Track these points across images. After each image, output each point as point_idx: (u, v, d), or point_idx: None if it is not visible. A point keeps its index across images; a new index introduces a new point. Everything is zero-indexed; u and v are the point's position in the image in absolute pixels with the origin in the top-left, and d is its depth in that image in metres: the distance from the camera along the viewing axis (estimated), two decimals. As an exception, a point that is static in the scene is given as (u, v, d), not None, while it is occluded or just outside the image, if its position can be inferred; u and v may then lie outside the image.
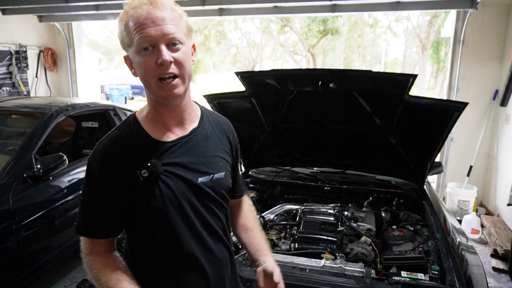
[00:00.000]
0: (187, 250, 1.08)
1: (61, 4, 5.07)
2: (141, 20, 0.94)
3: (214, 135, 1.18)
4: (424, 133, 2.30)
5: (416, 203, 2.55)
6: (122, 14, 0.98)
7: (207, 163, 1.11)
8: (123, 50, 1.04)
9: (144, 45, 0.95)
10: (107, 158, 1.04)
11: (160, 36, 0.95)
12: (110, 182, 1.03)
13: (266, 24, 18.36)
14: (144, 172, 1.02)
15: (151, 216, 1.05)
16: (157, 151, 1.05)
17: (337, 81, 2.13)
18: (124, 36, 0.98)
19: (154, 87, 0.99)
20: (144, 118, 1.09)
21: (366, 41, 22.03)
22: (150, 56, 0.96)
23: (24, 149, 2.75)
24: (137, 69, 1.01)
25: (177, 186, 1.05)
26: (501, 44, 4.66)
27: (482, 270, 1.62)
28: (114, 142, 1.06)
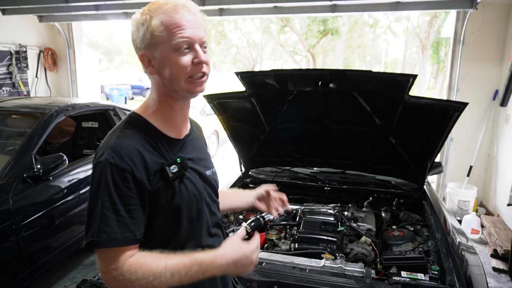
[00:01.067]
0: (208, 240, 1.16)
1: (61, 4, 5.07)
2: (182, 21, 1.01)
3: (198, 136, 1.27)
4: (424, 133, 2.30)
5: (416, 203, 2.55)
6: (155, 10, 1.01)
7: (207, 159, 1.22)
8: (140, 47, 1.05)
9: (184, 45, 1.01)
10: (134, 155, 0.99)
11: (196, 38, 1.03)
12: (140, 180, 0.99)
13: (266, 24, 18.36)
14: (173, 168, 1.04)
15: (178, 211, 1.07)
16: (175, 147, 1.10)
17: (337, 81, 2.13)
18: (156, 32, 1.00)
19: (183, 83, 1.04)
20: (151, 115, 1.10)
21: (366, 41, 22.03)
22: (187, 55, 1.03)
23: (24, 149, 2.75)
24: (164, 66, 1.03)
25: (196, 180, 1.12)
26: (501, 44, 4.66)
27: (482, 270, 1.62)
28: (134, 141, 1.02)
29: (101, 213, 0.95)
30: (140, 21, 1.03)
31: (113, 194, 0.96)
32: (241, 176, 2.87)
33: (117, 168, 0.96)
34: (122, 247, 0.97)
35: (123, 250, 0.97)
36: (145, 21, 1.02)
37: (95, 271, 3.31)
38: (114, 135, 1.04)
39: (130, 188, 0.97)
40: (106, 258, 0.96)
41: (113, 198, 0.96)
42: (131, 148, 1.00)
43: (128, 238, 0.97)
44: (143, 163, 1.00)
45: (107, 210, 0.95)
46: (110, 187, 0.96)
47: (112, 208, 0.96)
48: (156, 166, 1.03)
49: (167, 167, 1.03)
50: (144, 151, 1.01)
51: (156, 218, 1.05)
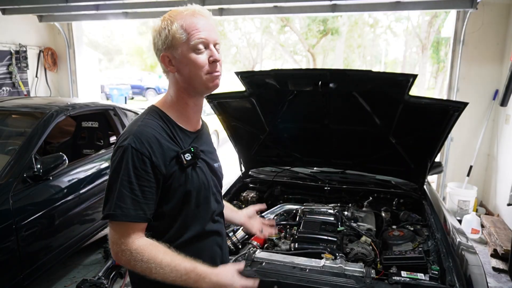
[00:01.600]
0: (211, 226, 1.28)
1: (61, 4, 5.07)
2: (197, 25, 1.14)
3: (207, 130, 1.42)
4: (424, 133, 2.30)
5: (416, 203, 2.55)
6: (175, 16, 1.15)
7: (215, 153, 1.36)
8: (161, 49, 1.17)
9: (200, 45, 1.14)
10: (153, 142, 1.11)
11: (211, 40, 1.17)
12: (157, 164, 1.11)
13: (266, 24, 18.36)
14: (187, 156, 1.17)
15: (188, 196, 1.19)
16: (188, 138, 1.23)
17: (337, 81, 2.13)
18: (177, 35, 1.13)
19: (204, 79, 1.17)
20: (169, 109, 1.23)
21: (366, 41, 22.02)
22: (203, 54, 1.16)
23: (24, 149, 2.75)
24: (183, 65, 1.16)
25: (205, 170, 1.25)
26: (501, 44, 4.66)
27: (482, 270, 1.62)
28: (152, 128, 1.14)
29: (119, 190, 1.08)
30: (162, 26, 1.15)
31: (132, 175, 1.08)
32: (241, 176, 2.87)
33: (137, 152, 1.09)
34: (134, 223, 1.09)
35: (134, 226, 1.09)
36: (166, 25, 1.14)
37: (95, 271, 3.31)
38: (136, 123, 1.17)
39: (147, 171, 1.09)
40: (119, 231, 1.09)
41: (131, 178, 1.08)
42: (151, 136, 1.12)
43: (140, 216, 1.09)
44: (160, 150, 1.12)
45: (124, 188, 1.08)
46: (129, 168, 1.08)
47: (129, 187, 1.08)
48: (172, 153, 1.15)
49: (182, 154, 1.16)
50: (162, 139, 1.14)
51: (168, 200, 1.16)
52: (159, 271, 1.07)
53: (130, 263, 1.08)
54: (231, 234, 1.99)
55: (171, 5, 5.08)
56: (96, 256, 3.70)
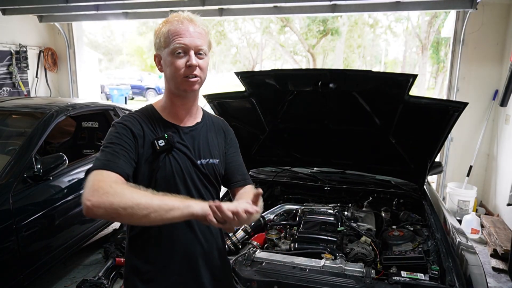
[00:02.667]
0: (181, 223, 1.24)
1: (61, 4, 5.07)
2: (181, 31, 1.23)
3: (212, 130, 1.44)
4: (424, 133, 2.30)
5: (416, 203, 2.55)
6: (165, 21, 1.26)
7: (205, 150, 1.37)
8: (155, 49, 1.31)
9: (179, 50, 1.23)
10: (134, 124, 1.25)
11: (191, 46, 1.23)
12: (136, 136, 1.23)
13: (266, 24, 18.36)
14: (161, 142, 1.24)
15: (159, 183, 1.24)
16: (169, 129, 1.30)
17: (337, 81, 2.13)
18: (163, 38, 1.25)
19: (179, 82, 1.25)
20: (160, 107, 1.35)
21: (366, 41, 22.04)
22: (182, 59, 1.24)
23: (24, 149, 2.75)
24: (166, 66, 1.27)
25: (183, 162, 1.29)
26: (501, 44, 4.67)
27: (482, 270, 1.62)
28: (138, 116, 1.29)
29: (101, 151, 1.20)
30: (157, 28, 1.28)
31: (113, 137, 1.21)
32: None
33: (119, 124, 1.25)
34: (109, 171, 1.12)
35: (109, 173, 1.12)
36: (160, 28, 1.27)
37: (95, 271, 3.31)
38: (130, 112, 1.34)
39: (127, 136, 1.21)
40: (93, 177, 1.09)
41: (112, 140, 1.20)
42: (134, 119, 1.28)
43: (118, 166, 1.14)
44: (141, 129, 1.25)
45: (105, 148, 1.19)
46: (112, 134, 1.22)
47: (109, 147, 1.19)
48: (150, 138, 1.25)
49: (155, 140, 1.24)
50: (143, 124, 1.27)
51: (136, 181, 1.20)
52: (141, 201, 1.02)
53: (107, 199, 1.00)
54: (231, 234, 1.99)
55: (171, 5, 5.08)
56: (96, 256, 3.70)
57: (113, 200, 1.01)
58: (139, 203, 1.02)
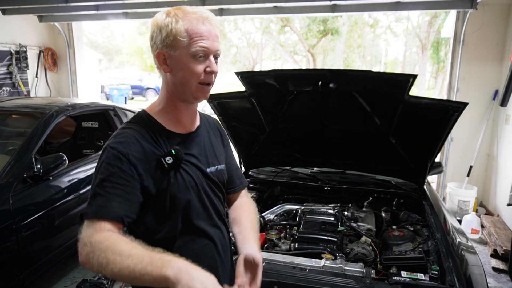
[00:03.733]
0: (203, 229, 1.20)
1: (61, 4, 5.07)
2: (204, 32, 1.10)
3: (211, 132, 1.34)
4: (424, 133, 2.30)
5: (416, 203, 2.55)
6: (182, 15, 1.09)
7: (212, 156, 1.27)
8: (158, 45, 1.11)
9: (201, 53, 1.10)
10: (130, 145, 1.08)
11: (213, 50, 1.12)
12: (134, 166, 1.06)
13: (266, 24, 18.36)
14: (168, 159, 1.11)
15: (173, 201, 1.13)
16: (174, 141, 1.17)
17: (337, 81, 2.13)
18: (178, 36, 1.08)
19: (193, 88, 1.13)
20: (157, 113, 1.19)
21: (366, 41, 22.03)
22: (202, 63, 1.12)
23: (24, 149, 2.75)
24: (179, 69, 1.12)
25: (195, 174, 1.18)
26: (501, 44, 4.66)
27: (482, 270, 1.62)
28: (135, 132, 1.12)
29: (93, 190, 1.05)
30: (165, 22, 1.10)
31: (105, 172, 1.05)
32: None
33: (114, 150, 1.06)
34: (100, 219, 1.00)
35: (100, 223, 0.99)
36: (170, 23, 1.09)
37: (95, 271, 3.31)
38: (121, 127, 1.16)
39: (122, 169, 1.05)
40: (86, 228, 1.00)
41: (104, 176, 1.04)
42: (131, 136, 1.10)
43: (109, 212, 1.01)
44: (141, 150, 1.09)
45: (98, 187, 1.04)
46: (104, 166, 1.05)
47: (102, 185, 1.04)
48: (154, 156, 1.11)
49: (162, 158, 1.11)
50: (143, 140, 1.11)
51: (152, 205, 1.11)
52: (116, 259, 0.91)
53: (89, 256, 0.93)
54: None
55: (170, 5, 5.04)
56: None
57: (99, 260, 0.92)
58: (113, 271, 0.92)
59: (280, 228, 2.20)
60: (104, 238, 0.96)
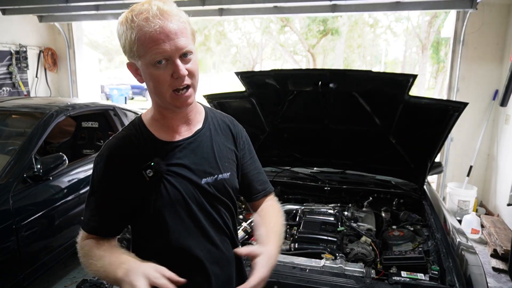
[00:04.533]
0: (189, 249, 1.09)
1: (61, 4, 5.07)
2: (156, 35, 0.94)
3: (218, 135, 1.19)
4: (424, 133, 2.30)
5: (416, 203, 2.55)
6: (130, 22, 0.96)
7: (211, 164, 1.13)
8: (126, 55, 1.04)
9: (158, 59, 0.96)
10: (113, 159, 1.07)
11: (174, 50, 0.96)
12: (116, 181, 1.06)
13: (266, 24, 18.35)
14: (149, 172, 1.04)
15: (157, 216, 1.07)
16: (162, 151, 1.08)
17: (337, 81, 2.13)
18: (133, 46, 0.97)
19: (168, 98, 1.02)
20: (149, 120, 1.12)
21: (366, 41, 22.03)
22: (165, 69, 0.98)
23: (24, 149, 2.75)
24: (148, 80, 1.03)
25: (183, 187, 1.07)
26: (501, 44, 4.66)
27: (482, 270, 1.62)
28: (120, 142, 1.09)
29: (86, 200, 1.11)
30: (120, 32, 1.00)
31: (96, 185, 1.08)
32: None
33: (103, 163, 1.07)
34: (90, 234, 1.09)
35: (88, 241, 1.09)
36: (124, 32, 0.98)
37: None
38: (114, 134, 1.13)
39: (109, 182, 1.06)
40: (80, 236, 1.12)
41: (92, 189, 1.09)
42: (117, 147, 1.08)
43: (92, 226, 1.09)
44: (125, 162, 1.06)
45: (89, 198, 1.10)
46: (95, 178, 1.09)
47: (93, 196, 1.09)
48: (137, 169, 1.05)
49: (143, 171, 1.05)
50: (129, 150, 1.07)
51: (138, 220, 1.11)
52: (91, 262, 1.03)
53: (80, 259, 1.08)
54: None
55: (171, 5, 5.07)
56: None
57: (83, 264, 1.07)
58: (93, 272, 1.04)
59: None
60: (83, 245, 1.08)
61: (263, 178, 1.32)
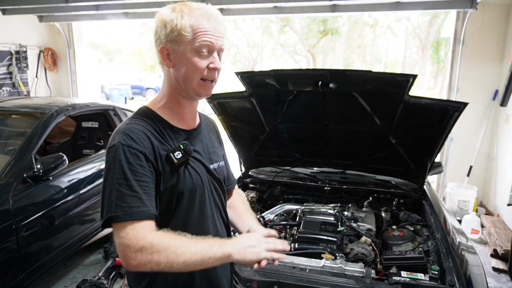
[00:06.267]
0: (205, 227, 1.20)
1: (61, 4, 5.08)
2: (207, 28, 1.10)
3: (209, 130, 1.36)
4: (424, 133, 2.30)
5: (416, 203, 2.55)
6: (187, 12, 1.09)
7: (213, 153, 1.29)
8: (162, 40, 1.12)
9: (204, 49, 1.11)
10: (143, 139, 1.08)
11: (217, 46, 1.13)
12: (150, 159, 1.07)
13: (266, 24, 18.36)
14: (177, 154, 1.11)
15: (182, 199, 1.13)
16: (180, 137, 1.17)
17: (337, 81, 2.13)
18: (182, 31, 1.08)
19: (195, 84, 1.14)
20: (160, 108, 1.19)
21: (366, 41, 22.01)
22: (205, 59, 1.12)
23: (24, 149, 2.75)
24: (182, 64, 1.12)
25: (201, 171, 1.19)
26: (501, 44, 4.66)
27: (482, 270, 1.62)
28: (143, 127, 1.10)
29: (117, 190, 1.01)
30: (170, 17, 1.10)
31: (127, 172, 1.02)
32: (241, 176, 2.87)
33: (129, 148, 1.05)
34: (140, 221, 1.01)
35: (142, 225, 1.01)
36: (175, 18, 1.09)
37: (95, 271, 3.31)
38: (124, 123, 1.14)
39: (142, 166, 1.05)
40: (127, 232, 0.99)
41: (127, 175, 1.02)
42: (140, 132, 1.09)
43: (145, 212, 1.02)
44: (151, 146, 1.08)
45: (122, 187, 1.02)
46: (123, 165, 1.03)
47: (126, 184, 1.02)
48: (162, 152, 1.10)
49: (171, 153, 1.11)
50: (151, 136, 1.10)
51: (160, 201, 1.11)
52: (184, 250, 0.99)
53: (153, 257, 0.97)
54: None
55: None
56: (96, 256, 3.70)
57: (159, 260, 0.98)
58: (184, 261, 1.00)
59: (280, 228, 2.20)
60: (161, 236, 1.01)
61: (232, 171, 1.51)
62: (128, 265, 0.99)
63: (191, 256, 1.00)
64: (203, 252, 1.02)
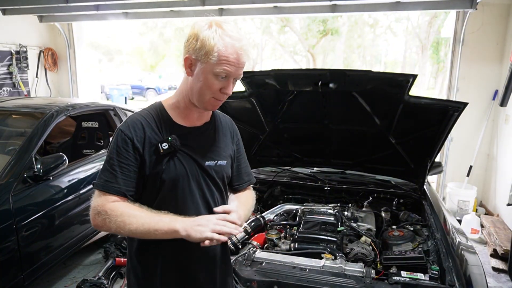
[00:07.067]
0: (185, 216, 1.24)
1: (62, 4, 5.07)
2: (233, 59, 1.18)
3: (220, 130, 1.42)
4: (424, 133, 2.30)
5: (416, 203, 2.55)
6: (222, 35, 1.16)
7: (213, 151, 1.35)
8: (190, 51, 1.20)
9: (223, 74, 1.20)
10: (138, 128, 1.24)
11: (235, 75, 1.23)
12: (137, 147, 1.22)
13: (266, 24, 18.35)
14: (164, 145, 1.23)
15: (165, 187, 1.24)
16: (176, 132, 1.27)
17: (337, 81, 2.13)
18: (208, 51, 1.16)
19: (206, 99, 1.25)
20: (169, 106, 1.32)
21: (366, 41, 21.99)
22: (220, 82, 1.22)
23: (24, 149, 2.75)
24: (199, 80, 1.22)
25: (189, 165, 1.28)
26: (501, 44, 4.67)
27: (481, 270, 1.62)
28: (142, 118, 1.27)
29: (104, 165, 1.24)
30: (203, 34, 1.17)
31: (113, 152, 1.22)
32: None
33: (122, 133, 1.23)
34: (108, 193, 1.20)
35: (108, 196, 1.20)
36: (207, 38, 1.16)
37: (95, 271, 3.31)
38: (135, 112, 1.32)
39: (128, 150, 1.22)
40: (97, 197, 1.21)
41: (113, 155, 1.22)
42: (137, 122, 1.25)
43: (114, 188, 1.20)
44: (142, 135, 1.24)
45: (107, 163, 1.23)
46: (113, 146, 1.23)
47: (110, 162, 1.22)
48: (154, 141, 1.24)
49: (159, 143, 1.23)
50: (147, 126, 1.25)
51: (144, 188, 1.26)
52: (132, 220, 1.14)
53: (106, 221, 1.16)
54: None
55: (171, 5, 5.08)
56: (96, 256, 3.70)
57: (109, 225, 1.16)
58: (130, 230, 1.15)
59: (280, 228, 2.21)
60: (116, 206, 1.18)
61: (249, 171, 1.57)
62: (92, 224, 1.21)
63: (137, 227, 1.14)
64: (150, 225, 1.14)
